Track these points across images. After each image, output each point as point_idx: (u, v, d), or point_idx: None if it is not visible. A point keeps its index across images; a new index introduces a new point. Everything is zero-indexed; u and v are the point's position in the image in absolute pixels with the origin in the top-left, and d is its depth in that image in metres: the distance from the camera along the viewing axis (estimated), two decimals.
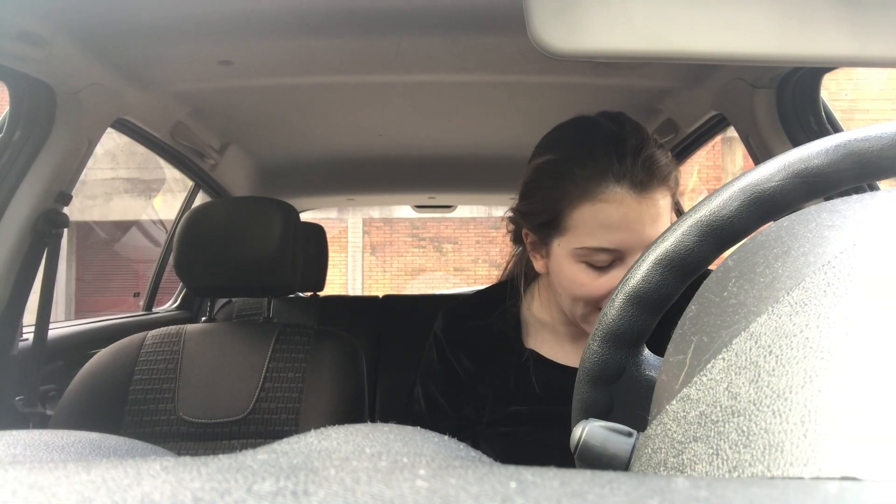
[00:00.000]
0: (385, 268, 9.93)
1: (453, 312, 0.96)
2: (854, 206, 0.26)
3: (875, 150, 0.34)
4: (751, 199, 0.36)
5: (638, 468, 0.27)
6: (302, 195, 2.45)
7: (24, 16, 0.98)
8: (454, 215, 3.01)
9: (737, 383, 0.21)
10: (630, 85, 1.42)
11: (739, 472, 0.18)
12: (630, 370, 0.41)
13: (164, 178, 8.07)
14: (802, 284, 0.22)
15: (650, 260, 0.39)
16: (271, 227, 1.22)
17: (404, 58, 1.23)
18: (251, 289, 1.31)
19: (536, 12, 0.62)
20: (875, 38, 0.62)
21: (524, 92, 1.45)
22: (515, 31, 0.75)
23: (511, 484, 0.13)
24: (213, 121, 1.65)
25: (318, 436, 0.20)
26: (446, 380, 0.93)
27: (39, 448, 0.29)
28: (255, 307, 2.15)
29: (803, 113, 1.20)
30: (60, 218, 1.23)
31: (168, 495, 0.12)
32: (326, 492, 0.13)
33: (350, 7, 1.01)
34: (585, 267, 0.75)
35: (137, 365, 1.20)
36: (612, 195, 0.72)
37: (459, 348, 0.92)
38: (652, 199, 0.72)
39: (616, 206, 0.72)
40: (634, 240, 0.72)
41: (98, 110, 1.26)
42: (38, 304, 1.26)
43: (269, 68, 1.28)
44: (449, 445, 0.21)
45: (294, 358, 1.22)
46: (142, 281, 7.64)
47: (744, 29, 0.63)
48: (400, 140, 1.89)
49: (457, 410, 0.92)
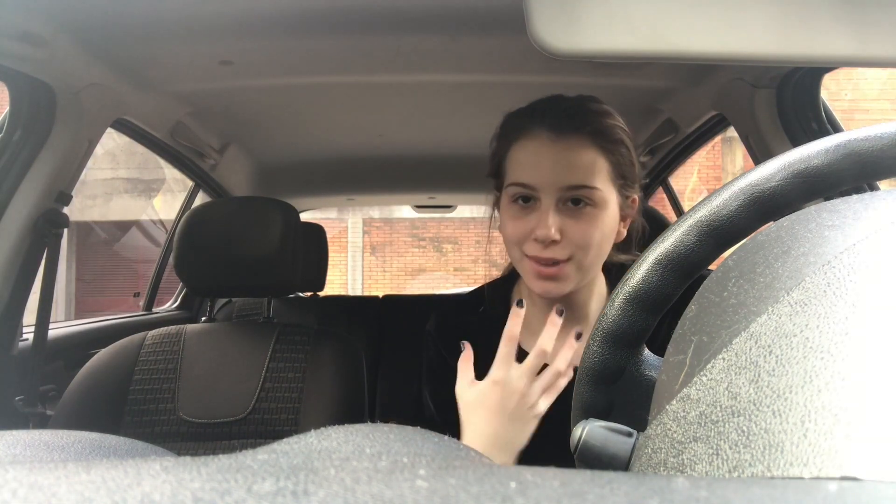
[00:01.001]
0: (385, 268, 9.93)
1: (444, 311, 0.98)
2: (854, 206, 0.26)
3: (875, 150, 0.34)
4: (751, 199, 0.36)
5: (638, 468, 0.27)
6: (302, 195, 2.45)
7: (24, 16, 0.98)
8: (454, 215, 3.01)
9: (737, 383, 0.21)
10: (630, 85, 1.42)
11: (739, 472, 0.18)
12: (630, 370, 0.41)
13: (164, 178, 8.08)
14: (802, 284, 0.22)
15: (650, 260, 0.39)
16: (271, 227, 1.22)
17: (404, 58, 1.23)
18: (251, 289, 1.31)
19: (536, 12, 0.62)
20: (875, 38, 0.62)
21: (524, 92, 1.45)
22: (515, 31, 0.75)
23: (511, 484, 0.13)
24: (213, 121, 1.65)
25: (318, 436, 0.20)
26: (445, 376, 0.93)
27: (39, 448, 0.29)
28: (255, 307, 2.15)
29: (803, 113, 1.20)
30: (60, 218, 1.23)
31: (168, 495, 0.12)
32: (326, 492, 0.13)
33: (350, 7, 1.01)
34: (514, 207, 0.81)
35: (137, 365, 1.20)
36: (531, 134, 0.79)
37: (452, 344, 0.93)
38: (567, 143, 0.77)
39: (533, 144, 0.79)
40: (543, 179, 0.78)
41: (98, 110, 1.26)
42: (38, 304, 1.26)
43: (269, 68, 1.28)
44: (449, 445, 0.21)
45: (294, 358, 1.22)
46: (142, 281, 7.64)
47: (744, 29, 0.63)
48: (400, 140, 1.89)
49: None
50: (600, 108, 0.82)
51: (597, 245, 0.80)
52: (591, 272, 0.83)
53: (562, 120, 0.78)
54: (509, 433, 0.74)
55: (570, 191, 0.78)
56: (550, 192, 0.78)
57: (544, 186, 0.78)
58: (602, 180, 0.79)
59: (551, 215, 0.77)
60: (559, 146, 0.78)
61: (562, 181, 0.77)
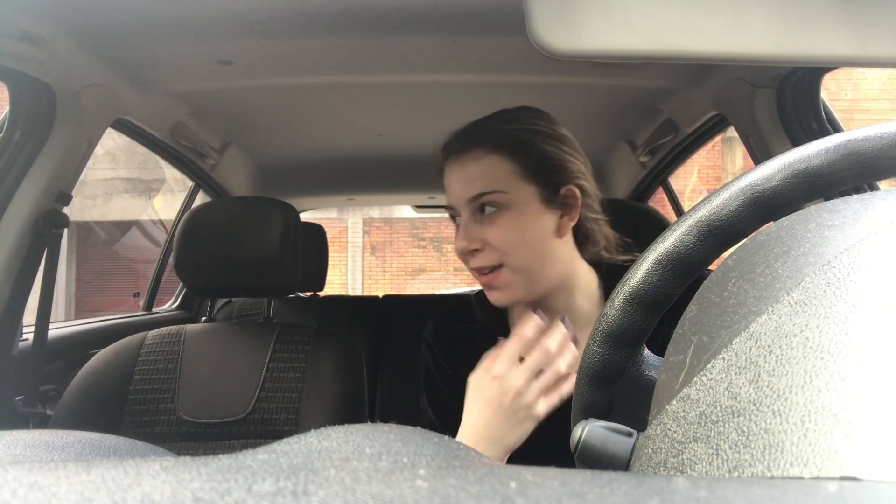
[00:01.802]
0: (385, 268, 9.93)
1: (441, 318, 0.99)
2: (854, 206, 0.26)
3: (875, 150, 0.34)
4: (751, 199, 0.36)
5: (638, 468, 0.27)
6: (302, 195, 2.45)
7: (24, 16, 0.98)
8: None
9: (737, 383, 0.21)
10: (630, 85, 1.42)
11: (739, 472, 0.18)
12: (630, 370, 0.41)
13: (164, 178, 8.08)
14: (802, 284, 0.22)
15: (650, 260, 0.38)
16: (271, 227, 1.22)
17: (404, 58, 1.23)
18: (251, 289, 1.31)
19: (536, 12, 0.62)
20: (875, 38, 0.62)
21: (524, 92, 1.45)
22: (515, 31, 0.76)
23: (511, 484, 0.13)
24: (213, 121, 1.65)
25: (318, 436, 0.20)
26: (443, 381, 0.93)
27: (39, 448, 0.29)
28: (255, 307, 2.15)
29: (803, 113, 1.20)
30: (60, 218, 1.23)
31: (168, 495, 0.12)
32: (326, 492, 0.13)
33: (350, 7, 1.01)
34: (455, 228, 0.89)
35: (137, 365, 1.20)
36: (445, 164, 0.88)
37: (449, 352, 0.93)
38: (463, 160, 0.84)
39: (446, 172, 0.87)
40: (454, 198, 0.86)
41: (98, 110, 1.26)
42: (38, 304, 1.26)
43: (269, 68, 1.28)
44: (449, 445, 0.21)
45: (294, 358, 1.22)
46: (142, 281, 7.64)
47: (744, 29, 0.63)
48: (400, 140, 1.89)
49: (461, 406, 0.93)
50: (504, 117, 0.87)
51: (525, 245, 0.82)
52: (542, 275, 0.84)
53: (456, 143, 0.86)
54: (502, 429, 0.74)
55: (475, 200, 0.83)
56: (464, 208, 0.84)
57: (457, 204, 0.85)
58: (508, 182, 0.82)
59: (462, 228, 0.85)
60: (459, 165, 0.85)
61: (465, 194, 0.83)
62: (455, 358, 0.92)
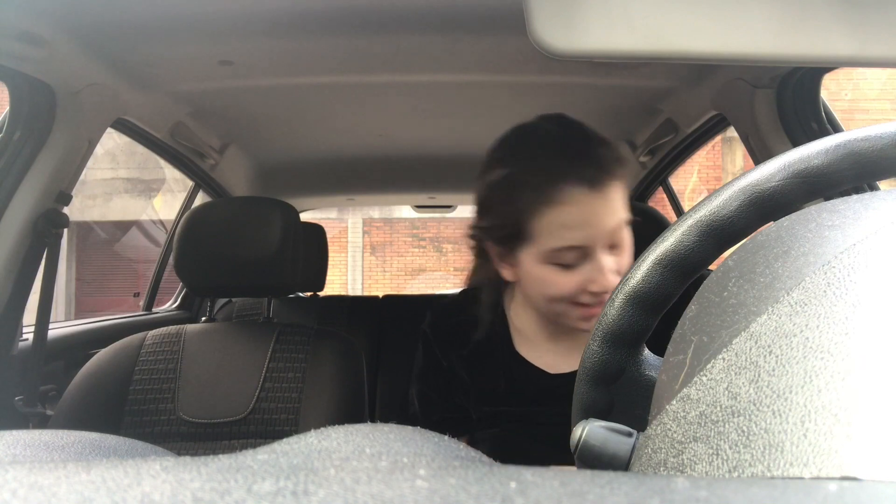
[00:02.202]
0: (385, 268, 9.93)
1: (440, 310, 0.98)
2: (854, 206, 0.26)
3: (875, 150, 0.34)
4: (751, 199, 0.36)
5: (638, 468, 0.27)
6: (302, 195, 2.45)
7: (24, 16, 0.98)
8: (454, 215, 3.01)
9: (737, 383, 0.21)
10: (630, 85, 1.42)
11: (739, 472, 0.18)
12: (630, 370, 0.41)
13: (164, 178, 8.07)
14: (802, 284, 0.22)
15: (650, 260, 0.38)
16: (271, 227, 1.22)
17: (404, 58, 1.23)
18: (251, 289, 1.31)
19: (536, 12, 0.62)
20: (875, 38, 0.62)
21: (524, 92, 1.45)
22: (515, 31, 0.75)
23: (511, 484, 0.13)
24: (213, 121, 1.65)
25: (318, 436, 0.20)
26: (435, 374, 0.94)
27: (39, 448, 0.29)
28: (255, 307, 2.15)
29: (803, 113, 1.19)
30: (60, 218, 1.23)
31: (168, 495, 0.12)
32: (326, 492, 0.13)
33: (350, 7, 1.01)
34: (555, 268, 0.77)
35: (137, 365, 1.20)
36: (569, 196, 0.74)
37: (446, 343, 0.93)
38: (605, 193, 0.75)
39: (575, 207, 0.74)
40: (596, 234, 0.75)
41: (98, 110, 1.26)
42: (38, 304, 1.26)
43: (269, 68, 1.28)
44: (449, 445, 0.21)
45: (294, 358, 1.22)
46: (142, 281, 7.64)
47: (744, 29, 0.63)
48: (400, 140, 1.89)
49: (448, 402, 0.93)
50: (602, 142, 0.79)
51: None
52: None
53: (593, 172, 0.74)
54: None
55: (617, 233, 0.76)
56: (601, 243, 0.76)
57: (596, 241, 0.75)
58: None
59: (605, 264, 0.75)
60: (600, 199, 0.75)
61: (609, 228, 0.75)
62: (451, 351, 0.92)
